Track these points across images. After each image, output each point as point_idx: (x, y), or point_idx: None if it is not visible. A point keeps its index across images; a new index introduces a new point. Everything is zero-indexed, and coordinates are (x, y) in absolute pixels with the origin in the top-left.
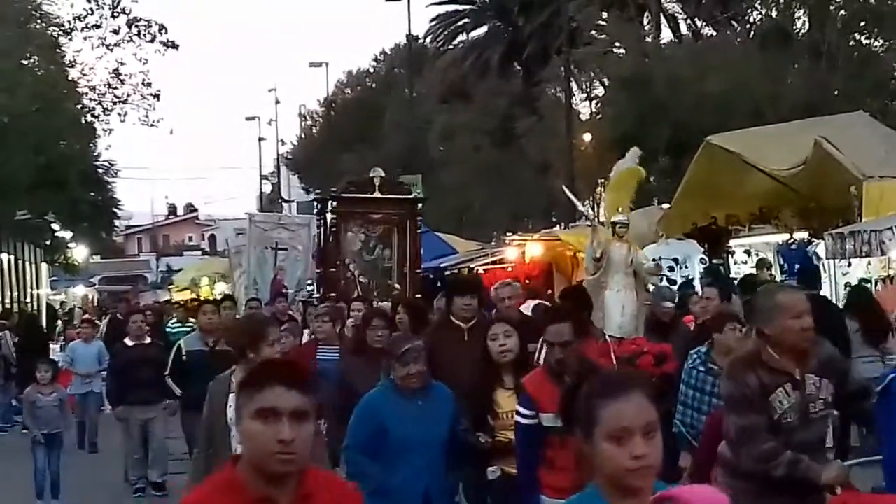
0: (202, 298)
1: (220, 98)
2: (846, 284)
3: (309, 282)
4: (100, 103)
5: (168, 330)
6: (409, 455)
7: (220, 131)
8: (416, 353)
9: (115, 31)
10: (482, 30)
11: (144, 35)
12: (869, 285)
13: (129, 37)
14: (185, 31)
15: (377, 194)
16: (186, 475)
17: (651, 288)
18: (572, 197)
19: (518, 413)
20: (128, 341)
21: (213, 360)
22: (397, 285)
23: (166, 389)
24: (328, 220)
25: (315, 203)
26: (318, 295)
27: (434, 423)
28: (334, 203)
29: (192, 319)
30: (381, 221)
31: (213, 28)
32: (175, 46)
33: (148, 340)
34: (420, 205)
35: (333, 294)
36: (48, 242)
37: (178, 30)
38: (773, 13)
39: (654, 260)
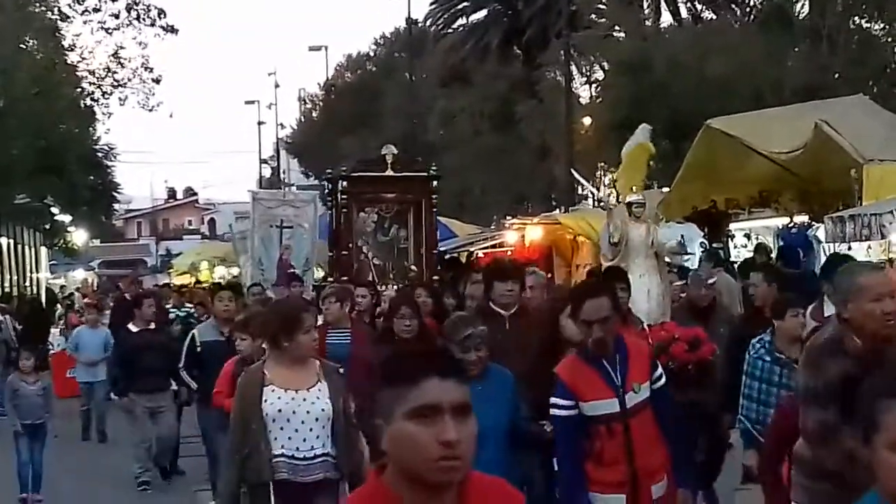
0: (203, 282)
1: (220, 82)
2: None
3: (317, 267)
4: (99, 87)
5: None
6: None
7: (220, 115)
8: (479, 338)
9: (115, 15)
10: (482, 13)
11: (144, 19)
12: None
13: (129, 21)
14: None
15: (390, 172)
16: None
17: (682, 272)
18: (583, 181)
19: (554, 405)
20: (132, 327)
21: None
22: (414, 267)
23: (176, 378)
24: (339, 200)
25: (325, 183)
26: (331, 279)
27: (496, 409)
28: (345, 183)
29: (188, 305)
30: (395, 201)
31: (213, 12)
32: (174, 30)
33: (153, 326)
34: (435, 182)
35: (346, 277)
36: (47, 226)
37: (177, 14)
38: None
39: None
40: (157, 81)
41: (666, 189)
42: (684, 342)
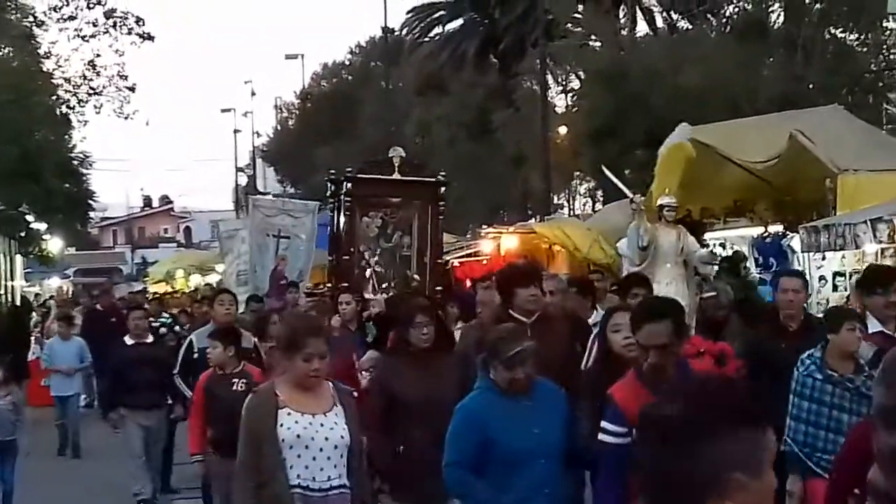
0: (179, 291)
1: (196, 90)
2: (820, 278)
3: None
4: (75, 95)
5: None
6: (522, 468)
7: (196, 123)
8: (528, 355)
9: (92, 23)
10: (458, 22)
11: (121, 27)
12: (843, 278)
13: (106, 28)
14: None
15: (397, 175)
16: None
17: (707, 286)
18: (614, 178)
19: (604, 430)
20: (128, 339)
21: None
22: (417, 276)
23: (173, 391)
24: (342, 203)
25: (328, 184)
26: (329, 285)
27: (549, 427)
28: (349, 185)
29: (165, 314)
30: (401, 206)
31: (189, 20)
32: (151, 38)
33: (150, 339)
34: (443, 188)
35: (346, 284)
36: (22, 234)
37: (154, 22)
38: (749, 6)
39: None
40: (133, 89)
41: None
42: (711, 357)
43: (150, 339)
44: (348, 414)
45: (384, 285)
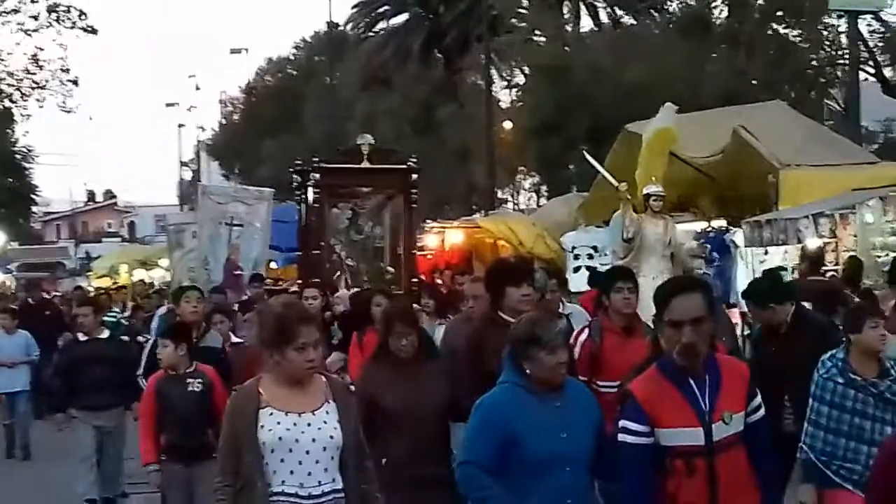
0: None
1: (140, 84)
2: (763, 272)
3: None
4: (18, 89)
5: None
6: (547, 474)
7: (140, 118)
8: (567, 334)
9: (35, 17)
10: (403, 17)
11: (64, 21)
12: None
13: (49, 22)
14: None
15: (366, 164)
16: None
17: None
18: (598, 166)
19: (624, 429)
20: (80, 336)
21: (198, 356)
22: (390, 268)
23: (129, 392)
24: (310, 195)
25: (294, 176)
26: (299, 281)
27: (579, 432)
28: (317, 175)
29: (114, 309)
30: (372, 195)
31: (133, 14)
32: (94, 32)
33: (105, 334)
34: (415, 175)
35: (317, 280)
36: None
37: (97, 15)
38: (692, 2)
39: (699, 240)
40: (76, 83)
41: (585, 193)
42: None
43: (104, 334)
44: (342, 410)
45: (358, 280)
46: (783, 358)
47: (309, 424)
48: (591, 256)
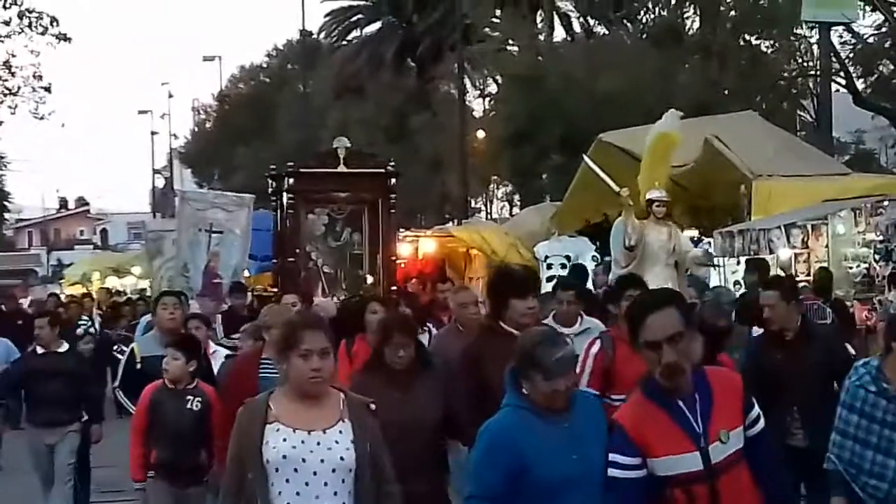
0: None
1: (113, 92)
2: (735, 282)
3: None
4: None
5: None
6: (559, 499)
7: (113, 125)
8: (570, 362)
9: (6, 23)
10: (376, 26)
11: (36, 27)
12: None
13: (20, 28)
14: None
15: (343, 168)
16: None
17: (701, 291)
18: (598, 170)
19: (613, 464)
20: (38, 348)
21: None
22: (369, 276)
23: (88, 407)
24: (284, 200)
25: (269, 180)
26: (275, 289)
27: (590, 452)
28: (291, 180)
29: (83, 318)
30: (349, 201)
31: (106, 21)
32: (67, 39)
33: (64, 348)
34: (394, 179)
35: (293, 288)
36: None
37: (70, 22)
38: (665, 13)
39: (702, 246)
40: (48, 90)
41: (558, 202)
42: None
43: (62, 348)
44: (357, 430)
45: (335, 287)
46: (791, 366)
47: (318, 443)
48: (564, 266)
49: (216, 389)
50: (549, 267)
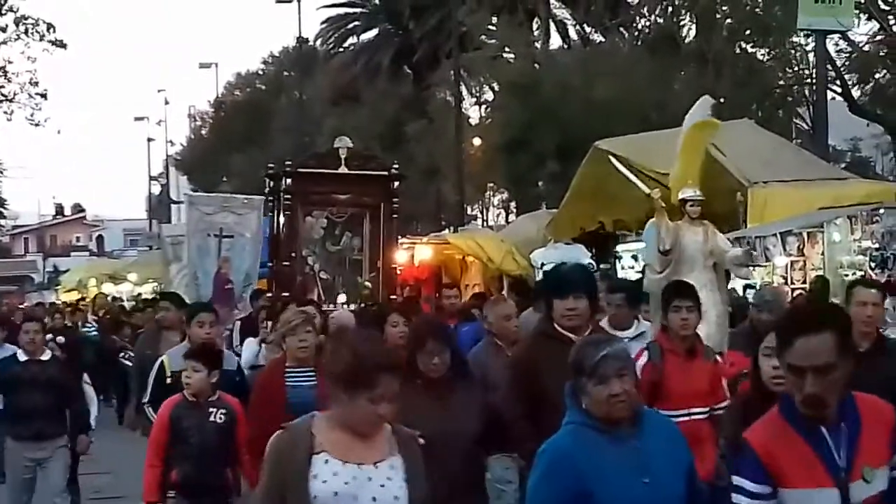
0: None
1: (109, 98)
2: (731, 290)
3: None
4: None
5: None
6: None
7: (109, 132)
8: (620, 360)
9: (2, 29)
10: (373, 33)
11: (32, 34)
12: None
13: (17, 35)
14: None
15: (343, 169)
16: None
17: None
18: (625, 171)
19: (739, 489)
20: (20, 355)
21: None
22: (368, 283)
23: (74, 420)
24: (281, 201)
25: (266, 181)
26: (269, 294)
27: (664, 476)
28: (289, 180)
29: (89, 324)
30: (349, 203)
31: (103, 27)
32: (63, 46)
33: (47, 356)
34: (397, 183)
35: (287, 294)
36: None
37: (66, 29)
38: (661, 20)
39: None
40: (44, 96)
41: (554, 210)
42: None
43: (45, 356)
44: (409, 466)
45: (332, 294)
46: (864, 380)
47: (370, 479)
48: None
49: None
50: None
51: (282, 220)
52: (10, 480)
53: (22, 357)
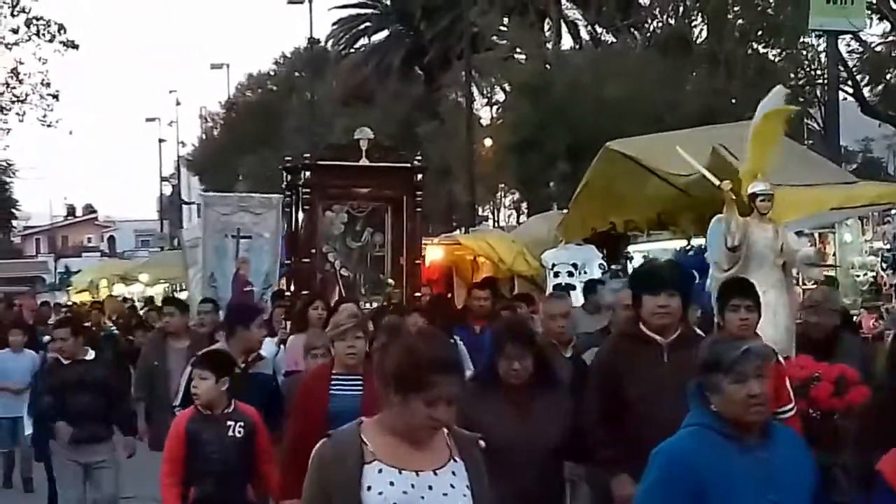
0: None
1: (121, 99)
2: None
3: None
4: None
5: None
6: None
7: (120, 133)
8: (762, 357)
9: (14, 31)
10: (384, 34)
11: (44, 34)
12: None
13: (28, 36)
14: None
15: (364, 162)
16: None
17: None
18: (693, 161)
19: None
20: (62, 359)
21: (249, 386)
22: (391, 280)
23: (119, 420)
24: (300, 195)
25: (284, 174)
26: (288, 293)
27: (792, 494)
28: (308, 173)
29: (107, 323)
30: (371, 197)
31: (114, 28)
32: (75, 46)
33: (91, 356)
34: (420, 175)
35: (306, 291)
36: None
37: (78, 30)
38: (672, 21)
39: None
40: (56, 97)
41: (565, 210)
42: (829, 382)
43: (89, 356)
44: (472, 471)
45: (353, 292)
46: None
47: (430, 487)
48: (571, 274)
49: (285, 409)
50: (556, 275)
51: (300, 215)
52: (66, 484)
53: (64, 360)
